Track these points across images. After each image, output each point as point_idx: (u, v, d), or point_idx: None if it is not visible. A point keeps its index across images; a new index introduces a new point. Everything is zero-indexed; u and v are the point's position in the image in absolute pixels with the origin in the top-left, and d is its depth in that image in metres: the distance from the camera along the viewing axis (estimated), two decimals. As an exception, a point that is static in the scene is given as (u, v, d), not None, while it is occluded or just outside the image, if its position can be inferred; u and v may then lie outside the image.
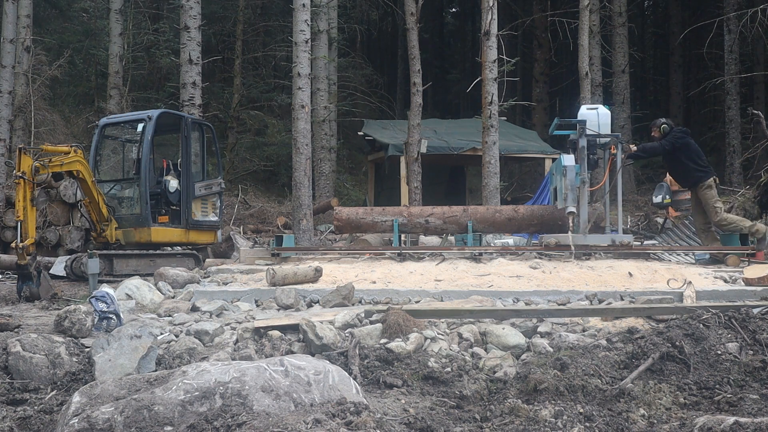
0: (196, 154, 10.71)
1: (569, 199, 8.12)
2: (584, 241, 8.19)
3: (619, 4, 19.67)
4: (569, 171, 8.13)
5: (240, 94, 19.77)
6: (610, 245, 8.16)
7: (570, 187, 8.12)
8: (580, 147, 8.36)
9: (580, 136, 8.38)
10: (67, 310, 5.52)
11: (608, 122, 8.61)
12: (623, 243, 8.17)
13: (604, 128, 8.55)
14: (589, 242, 8.21)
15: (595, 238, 8.27)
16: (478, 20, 18.57)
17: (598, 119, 8.54)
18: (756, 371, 4.16)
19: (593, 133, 8.43)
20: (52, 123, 16.26)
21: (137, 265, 9.14)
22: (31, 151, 7.85)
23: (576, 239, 8.10)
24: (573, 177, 8.14)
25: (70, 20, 21.26)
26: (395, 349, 4.79)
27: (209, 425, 3.14)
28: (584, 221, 8.34)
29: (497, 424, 3.63)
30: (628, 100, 20.16)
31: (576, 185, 8.21)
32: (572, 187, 8.13)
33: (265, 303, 6.67)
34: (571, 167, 8.16)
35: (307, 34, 11.73)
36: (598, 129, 8.51)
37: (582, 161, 8.32)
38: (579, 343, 4.94)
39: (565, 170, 8.15)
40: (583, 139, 8.36)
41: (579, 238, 8.18)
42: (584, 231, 8.32)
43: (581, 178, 8.25)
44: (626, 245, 8.14)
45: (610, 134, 8.58)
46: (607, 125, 8.59)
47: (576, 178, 8.20)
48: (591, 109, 8.64)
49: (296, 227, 11.50)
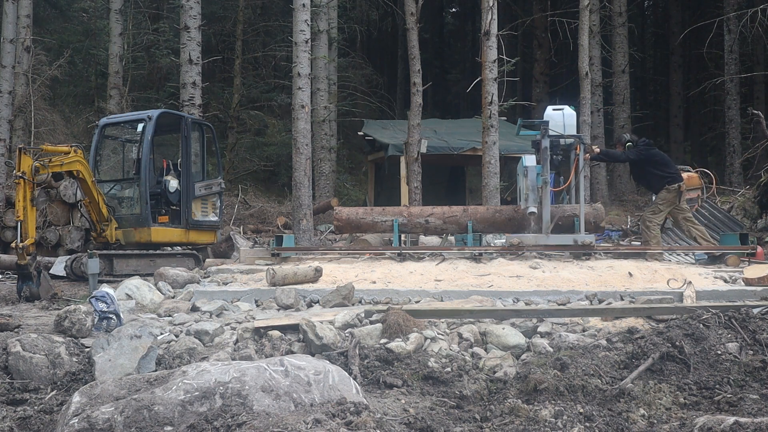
0: (196, 154, 10.71)
1: (530, 200, 8.16)
2: (546, 241, 8.23)
3: (619, 4, 19.67)
4: (530, 171, 8.19)
5: (240, 94, 19.76)
6: (572, 245, 8.19)
7: (531, 187, 8.17)
8: (543, 147, 8.39)
9: (543, 136, 8.41)
10: (67, 310, 5.52)
11: (573, 123, 8.70)
12: (585, 243, 8.19)
13: (569, 129, 8.62)
14: (552, 242, 8.25)
15: (558, 238, 8.31)
16: (478, 20, 18.58)
17: (564, 120, 8.61)
18: (756, 371, 4.16)
19: (556, 134, 8.46)
20: (52, 123, 16.25)
21: (137, 265, 9.14)
22: (31, 151, 7.84)
23: (538, 239, 8.19)
24: (534, 177, 8.20)
25: (70, 20, 21.25)
26: (395, 349, 4.79)
27: (209, 425, 3.14)
28: (546, 221, 8.37)
29: (497, 424, 3.63)
30: (628, 100, 20.16)
31: (538, 185, 8.24)
32: (533, 187, 8.18)
33: (265, 303, 6.67)
34: (532, 168, 8.21)
35: (307, 34, 11.73)
36: (563, 130, 8.57)
37: (544, 162, 8.36)
38: (579, 343, 4.94)
39: (526, 171, 8.21)
40: (545, 140, 8.39)
41: (541, 238, 8.24)
42: (547, 231, 8.36)
43: (543, 178, 8.29)
44: (588, 245, 8.17)
45: (572, 135, 8.61)
46: (573, 126, 8.67)
47: (537, 178, 8.23)
48: (557, 110, 8.74)
49: (296, 227, 11.50)
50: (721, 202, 12.25)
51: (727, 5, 19.36)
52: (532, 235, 8.28)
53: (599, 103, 19.03)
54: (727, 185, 16.67)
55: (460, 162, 17.23)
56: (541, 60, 24.49)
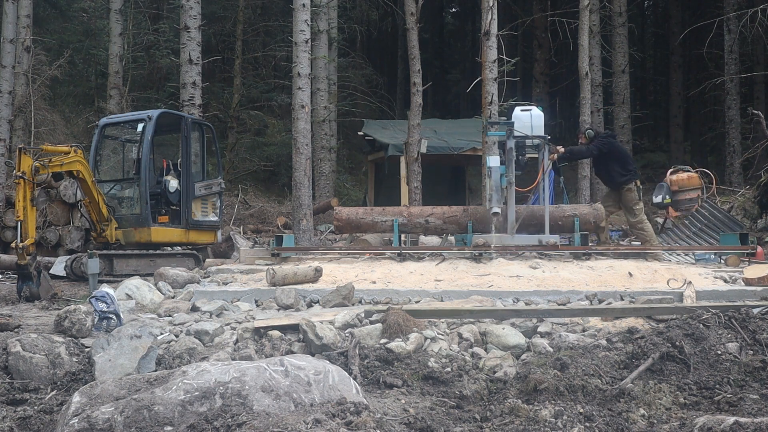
0: (196, 154, 10.71)
1: (494, 200, 8.19)
2: (511, 242, 8.28)
3: (619, 4, 19.66)
4: (494, 172, 8.20)
5: (240, 94, 19.76)
6: (537, 245, 8.23)
7: (494, 187, 8.19)
8: (508, 148, 8.42)
9: (508, 137, 8.44)
10: (67, 310, 5.52)
11: (541, 124, 8.75)
12: (550, 243, 8.23)
13: (537, 129, 8.67)
14: (517, 242, 8.30)
15: (522, 238, 8.36)
16: (478, 20, 18.58)
17: (531, 120, 8.65)
18: (756, 371, 4.16)
19: (521, 135, 8.47)
20: (52, 123, 16.25)
21: (137, 265, 9.14)
22: (31, 151, 7.84)
23: (503, 239, 8.26)
24: (497, 178, 8.20)
25: (70, 20, 21.24)
26: (395, 349, 4.79)
27: (209, 425, 3.14)
28: (512, 221, 8.42)
29: (497, 424, 3.63)
30: (628, 100, 20.14)
31: (502, 186, 8.26)
32: (496, 187, 8.19)
33: (265, 303, 6.67)
34: (495, 168, 8.23)
35: (307, 34, 11.72)
36: (531, 130, 8.59)
37: (509, 162, 8.39)
38: (579, 343, 4.94)
39: (490, 171, 8.21)
40: (510, 140, 8.42)
41: (506, 238, 8.31)
42: (512, 231, 8.41)
43: (507, 179, 8.31)
44: (553, 245, 8.20)
45: (537, 135, 8.64)
46: (540, 127, 8.72)
47: (502, 179, 8.24)
48: (525, 111, 8.79)
49: (296, 227, 11.49)
50: (721, 202, 12.25)
51: (727, 5, 19.35)
52: (497, 235, 8.36)
53: (599, 103, 19.02)
54: (727, 185, 16.66)
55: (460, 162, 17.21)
56: (541, 60, 24.49)
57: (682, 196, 11.20)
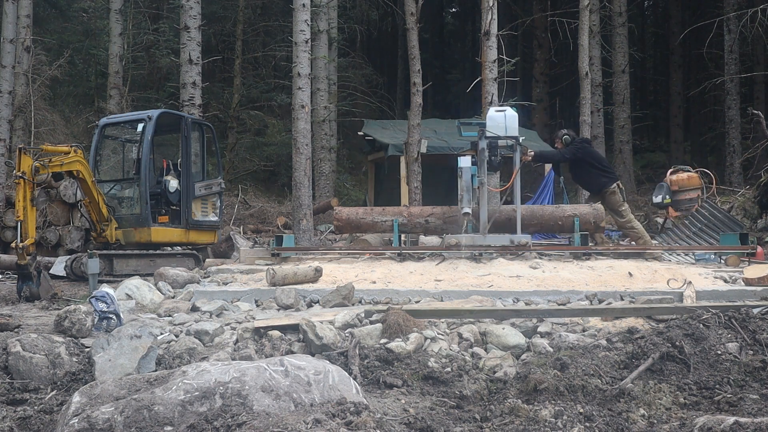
0: (196, 154, 10.71)
1: (464, 201, 8.20)
2: (483, 242, 8.31)
3: (619, 4, 19.66)
4: (465, 173, 8.20)
5: (240, 94, 19.76)
6: (508, 245, 8.26)
7: (465, 188, 8.19)
8: (480, 149, 8.43)
9: (480, 138, 8.45)
10: (67, 310, 5.52)
11: (515, 124, 8.76)
12: (521, 243, 8.26)
13: (511, 130, 8.67)
14: (488, 242, 8.32)
15: (494, 238, 8.39)
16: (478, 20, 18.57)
17: (505, 121, 8.65)
18: (756, 371, 4.16)
19: (493, 135, 8.50)
20: (52, 123, 16.25)
21: (137, 265, 9.14)
22: (31, 151, 7.84)
23: (475, 239, 8.29)
24: (468, 178, 8.21)
25: (70, 20, 21.24)
26: (395, 349, 4.79)
27: (209, 425, 3.14)
28: (484, 222, 8.44)
29: (497, 424, 3.63)
30: (628, 100, 20.15)
31: (474, 186, 8.28)
32: (468, 188, 8.19)
33: (265, 303, 6.67)
34: (466, 169, 8.23)
35: (307, 34, 11.72)
36: (505, 131, 8.60)
37: (481, 163, 8.39)
38: (579, 343, 4.94)
39: (461, 172, 8.22)
40: (483, 141, 8.42)
41: (478, 238, 8.33)
42: (484, 231, 8.43)
43: (479, 179, 8.32)
44: (524, 245, 8.23)
45: (509, 136, 8.65)
46: (514, 127, 8.74)
47: (474, 179, 8.24)
48: (498, 111, 8.80)
49: (296, 227, 11.49)
50: (721, 202, 12.25)
51: (727, 5, 19.35)
52: (469, 236, 8.41)
53: (599, 103, 19.03)
54: (727, 185, 16.66)
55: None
56: (541, 60, 24.48)
57: (682, 196, 11.21)
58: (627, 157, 19.83)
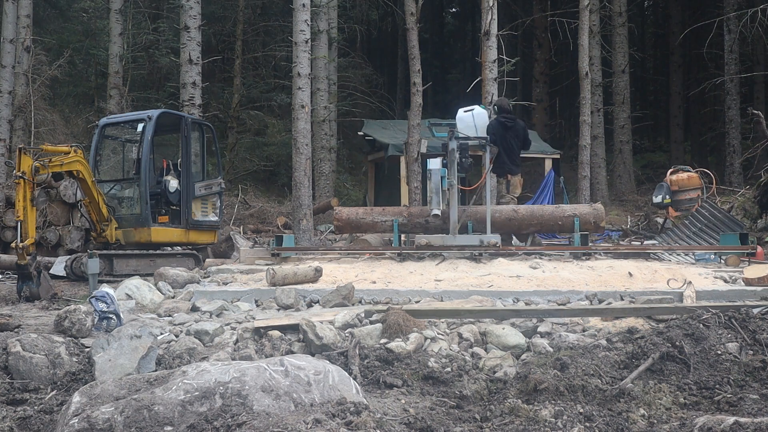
0: (196, 154, 10.71)
1: (433, 202, 8.23)
2: (453, 242, 8.36)
3: (619, 4, 19.67)
4: (434, 174, 8.24)
5: (240, 94, 19.76)
6: (478, 245, 8.32)
7: (434, 189, 8.22)
8: (450, 150, 8.44)
9: (450, 139, 8.47)
10: (67, 310, 5.52)
11: (484, 124, 8.72)
12: (491, 243, 8.30)
13: (480, 130, 8.69)
14: (459, 242, 8.37)
15: (464, 238, 8.44)
16: (478, 20, 18.57)
17: (474, 121, 8.63)
18: (756, 371, 4.15)
19: (462, 136, 8.52)
20: (52, 123, 16.25)
21: (137, 265, 9.14)
22: (31, 151, 7.84)
23: (445, 239, 8.34)
24: (438, 180, 8.23)
25: (70, 20, 21.24)
26: (395, 349, 4.80)
27: (209, 425, 3.14)
28: (454, 222, 8.48)
29: (497, 424, 3.63)
30: (628, 100, 20.15)
31: (444, 188, 8.32)
32: (437, 189, 8.22)
33: (265, 303, 6.67)
34: (435, 170, 8.26)
35: (307, 34, 11.72)
36: (475, 131, 8.59)
37: (451, 164, 8.41)
38: (579, 343, 4.94)
39: (430, 174, 8.27)
40: (453, 142, 8.43)
41: (448, 238, 8.38)
42: (454, 232, 8.47)
43: (449, 180, 8.34)
44: (494, 245, 8.27)
45: (478, 137, 8.66)
46: (484, 126, 8.69)
47: (443, 180, 8.27)
48: (467, 111, 8.82)
49: (296, 227, 11.49)
50: (721, 202, 12.25)
51: (727, 5, 19.35)
52: (440, 236, 8.47)
53: (599, 103, 19.03)
54: (727, 185, 16.67)
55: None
56: (541, 60, 24.48)
57: (682, 196, 11.22)
58: (627, 157, 19.84)
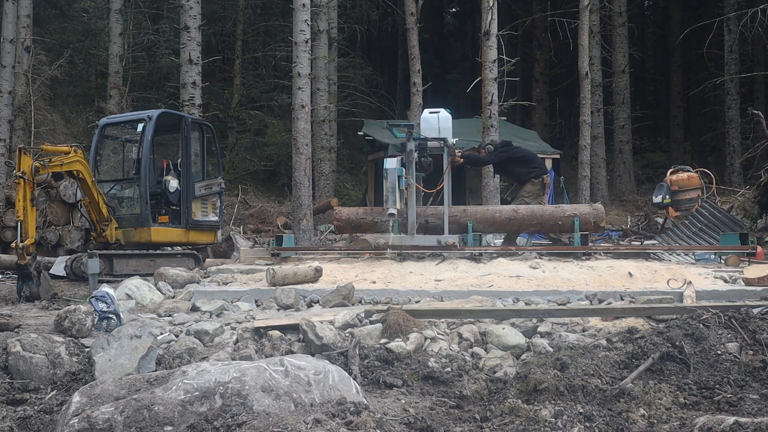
0: (196, 154, 10.70)
1: (389, 201, 8.27)
2: (411, 242, 8.43)
3: (619, 4, 19.67)
4: (390, 174, 8.29)
5: (240, 94, 19.76)
6: (436, 246, 8.39)
7: (390, 189, 8.25)
8: (408, 150, 8.51)
9: (409, 139, 8.54)
10: (67, 310, 5.52)
11: (449, 126, 8.91)
12: (448, 243, 8.35)
13: (444, 132, 8.84)
14: (416, 242, 8.45)
15: (422, 238, 8.52)
16: (478, 20, 18.58)
17: (439, 123, 8.75)
18: (756, 371, 4.16)
19: (420, 137, 8.62)
20: (52, 123, 16.24)
21: (137, 265, 9.14)
22: (31, 151, 7.84)
23: (403, 240, 8.43)
24: (393, 179, 8.28)
25: (70, 20, 21.24)
26: (395, 349, 4.79)
27: (209, 425, 3.14)
28: (412, 222, 8.54)
29: (497, 424, 3.63)
30: (628, 100, 20.15)
31: (400, 187, 8.38)
32: (393, 189, 8.26)
33: (265, 303, 6.67)
34: (391, 170, 8.30)
35: (307, 34, 11.72)
36: (438, 133, 8.74)
37: (409, 164, 8.47)
38: (579, 343, 4.94)
39: (386, 173, 8.32)
40: (411, 143, 8.50)
41: (406, 238, 8.47)
42: (412, 232, 8.53)
43: (406, 181, 8.39)
44: (451, 245, 8.33)
45: (436, 138, 8.76)
46: (448, 129, 8.90)
47: (401, 180, 8.33)
48: (432, 113, 8.97)
49: (296, 227, 11.49)
50: (721, 202, 12.25)
51: (727, 5, 19.35)
52: (398, 236, 8.54)
53: (599, 103, 19.03)
54: (727, 185, 16.66)
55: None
56: (541, 60, 24.48)
57: (682, 196, 11.21)
58: (627, 157, 19.84)
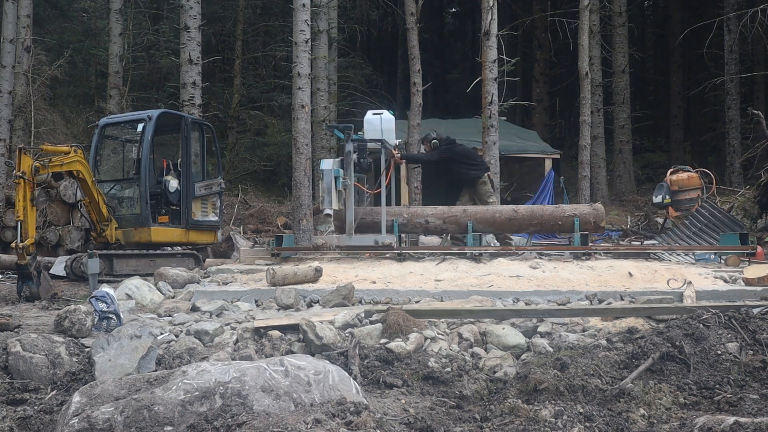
0: (196, 154, 10.70)
1: (326, 202, 8.33)
2: (349, 242, 8.51)
3: (619, 4, 19.66)
4: (325, 175, 8.34)
5: (240, 94, 19.75)
6: (373, 246, 8.48)
7: (326, 189, 8.31)
8: (347, 151, 8.57)
9: (347, 140, 8.59)
10: (67, 310, 5.52)
11: (392, 127, 9.04)
12: (385, 243, 8.42)
13: (387, 133, 8.94)
14: (354, 243, 8.53)
15: (359, 238, 8.59)
16: (478, 20, 18.58)
17: (381, 124, 8.86)
18: (756, 371, 4.16)
19: (358, 138, 8.70)
20: (52, 123, 16.23)
21: (137, 265, 9.14)
22: (31, 151, 7.84)
23: (341, 239, 8.51)
24: (330, 180, 8.31)
25: (70, 20, 21.23)
26: (395, 349, 4.80)
27: (209, 425, 3.14)
28: (350, 222, 8.59)
29: (497, 424, 3.63)
30: (628, 100, 20.15)
31: (338, 188, 8.41)
32: (328, 189, 8.31)
33: (265, 303, 6.67)
34: (327, 171, 8.34)
35: (307, 34, 11.71)
36: (381, 134, 8.85)
37: (348, 165, 8.53)
38: (579, 343, 4.94)
39: (322, 174, 8.39)
40: (349, 144, 8.56)
41: (344, 238, 8.54)
42: (350, 232, 8.58)
43: (344, 181, 8.44)
44: (388, 245, 8.40)
45: (375, 139, 8.87)
46: (391, 130, 9.01)
47: (338, 181, 8.37)
48: (375, 114, 9.08)
49: (296, 227, 11.47)
50: (721, 202, 12.25)
51: (727, 5, 19.35)
52: (336, 236, 8.60)
53: (599, 103, 19.03)
54: (727, 185, 16.66)
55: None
56: (541, 60, 24.48)
57: (682, 196, 11.22)
58: (627, 157, 19.84)
